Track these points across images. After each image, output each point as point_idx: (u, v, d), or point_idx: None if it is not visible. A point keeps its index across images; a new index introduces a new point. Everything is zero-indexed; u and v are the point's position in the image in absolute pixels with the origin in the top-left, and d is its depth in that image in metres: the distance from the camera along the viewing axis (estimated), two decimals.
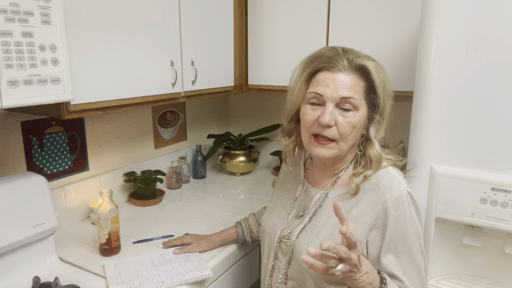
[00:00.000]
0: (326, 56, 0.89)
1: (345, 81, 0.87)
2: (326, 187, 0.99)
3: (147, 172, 1.72)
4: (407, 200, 0.88)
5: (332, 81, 0.87)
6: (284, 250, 0.99)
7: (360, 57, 0.90)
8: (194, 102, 2.09)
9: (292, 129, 1.02)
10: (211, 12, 1.59)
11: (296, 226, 1.00)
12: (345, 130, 0.88)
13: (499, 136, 1.00)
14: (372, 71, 0.88)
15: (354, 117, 0.88)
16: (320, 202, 0.98)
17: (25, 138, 1.32)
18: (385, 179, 0.91)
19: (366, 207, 0.90)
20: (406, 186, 0.90)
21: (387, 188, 0.89)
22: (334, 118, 0.87)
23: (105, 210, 1.20)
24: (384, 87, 0.91)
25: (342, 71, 0.88)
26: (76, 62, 1.07)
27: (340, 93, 0.87)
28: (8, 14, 0.85)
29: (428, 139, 1.09)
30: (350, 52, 0.90)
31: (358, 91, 0.88)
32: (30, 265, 1.15)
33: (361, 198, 0.92)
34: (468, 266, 1.14)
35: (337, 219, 0.87)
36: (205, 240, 1.26)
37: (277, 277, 1.00)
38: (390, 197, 0.88)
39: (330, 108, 0.87)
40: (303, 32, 1.67)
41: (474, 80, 1.01)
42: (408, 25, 1.45)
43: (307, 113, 0.91)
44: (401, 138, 1.78)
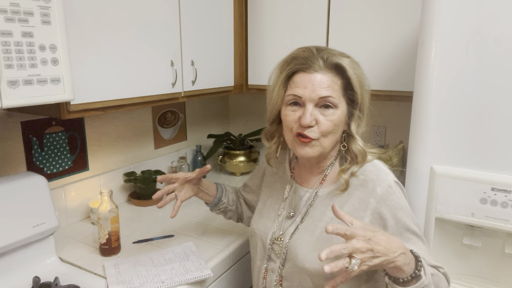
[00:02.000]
0: (301, 57, 0.90)
1: (322, 80, 0.89)
2: (315, 186, 1.00)
3: (147, 172, 1.72)
4: (397, 189, 0.92)
5: (310, 82, 0.89)
6: (278, 252, 0.99)
7: (335, 55, 0.91)
8: (194, 102, 2.09)
9: (274, 131, 1.03)
10: (211, 12, 1.59)
11: (288, 227, 1.00)
12: (326, 128, 0.90)
13: (499, 136, 1.00)
14: (347, 68, 0.90)
15: (334, 115, 0.90)
16: (311, 201, 0.99)
17: (25, 138, 1.32)
18: (373, 172, 0.93)
19: (359, 202, 0.92)
20: (393, 176, 0.94)
21: (377, 181, 0.91)
22: (314, 118, 0.89)
23: (105, 210, 1.20)
24: (360, 83, 0.92)
25: (318, 71, 0.89)
26: (76, 62, 1.07)
27: (318, 93, 0.88)
28: (8, 14, 0.85)
29: (428, 139, 1.09)
30: (325, 51, 0.91)
31: (335, 89, 0.90)
32: (30, 265, 1.15)
33: (352, 193, 0.93)
34: (468, 266, 1.14)
35: (330, 217, 0.91)
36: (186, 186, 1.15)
37: (272, 279, 1.00)
38: (380, 189, 0.90)
39: (310, 109, 0.89)
40: (303, 32, 1.67)
41: (474, 80, 1.01)
42: (408, 25, 1.45)
43: (288, 114, 0.92)
44: (401, 138, 1.78)
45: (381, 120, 1.90)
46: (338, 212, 0.78)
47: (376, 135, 1.91)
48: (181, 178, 1.11)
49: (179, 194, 1.13)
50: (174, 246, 1.29)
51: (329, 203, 0.95)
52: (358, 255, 0.72)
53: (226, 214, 1.27)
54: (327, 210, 0.95)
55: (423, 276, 0.78)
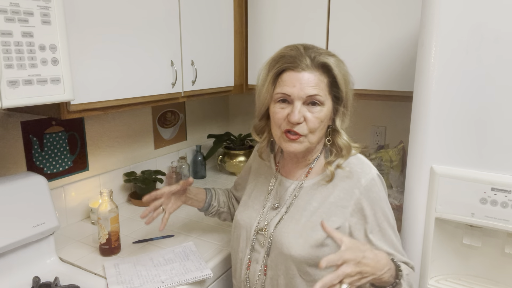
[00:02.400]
0: (290, 56, 0.94)
1: (309, 79, 0.92)
2: (301, 178, 1.05)
3: (147, 172, 1.72)
4: (379, 182, 0.98)
5: (298, 81, 0.92)
6: (262, 242, 1.02)
7: (322, 54, 0.94)
8: (194, 102, 2.09)
9: (263, 126, 1.08)
10: (211, 12, 1.59)
11: (272, 217, 1.04)
12: (314, 125, 0.94)
13: (499, 136, 1.00)
14: (333, 67, 0.94)
15: (321, 112, 0.94)
16: (296, 193, 1.03)
17: (25, 138, 1.32)
18: (357, 165, 0.99)
19: (344, 193, 0.97)
20: (375, 169, 1.00)
21: (361, 174, 0.97)
22: (303, 115, 0.93)
23: (105, 210, 1.20)
24: (345, 80, 0.96)
25: (305, 69, 0.92)
26: (76, 62, 1.07)
27: (306, 92, 0.92)
28: (8, 14, 0.85)
29: (428, 139, 1.09)
30: (312, 49, 0.95)
31: (322, 87, 0.93)
32: (30, 265, 1.15)
33: (337, 184, 0.98)
34: (468, 266, 1.14)
35: (314, 205, 0.98)
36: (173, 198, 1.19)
37: (256, 269, 1.03)
38: (364, 181, 0.96)
39: (299, 106, 0.93)
40: (303, 32, 1.67)
41: (474, 80, 1.01)
42: (408, 25, 1.45)
43: (276, 111, 0.96)
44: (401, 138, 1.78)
45: (381, 120, 1.90)
46: (327, 229, 0.83)
47: (376, 135, 1.91)
48: (166, 193, 1.14)
49: (167, 207, 1.16)
50: (174, 246, 1.29)
51: (314, 192, 1.00)
52: (347, 279, 0.76)
53: (220, 216, 1.30)
54: (312, 200, 1.00)
55: (403, 283, 0.87)
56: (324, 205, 0.98)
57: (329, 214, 0.96)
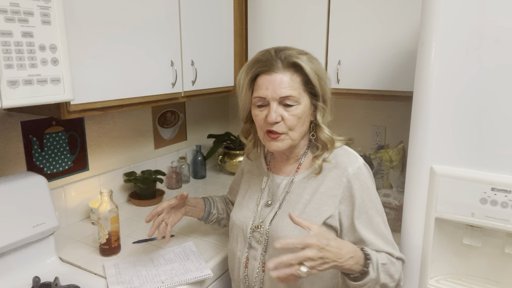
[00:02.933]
0: (262, 61, 0.98)
1: (282, 80, 0.96)
2: (291, 173, 1.08)
3: (147, 172, 1.72)
4: (365, 171, 1.02)
5: (271, 83, 0.96)
6: (259, 239, 1.05)
7: (292, 55, 0.97)
8: (194, 102, 2.09)
9: (249, 128, 1.12)
10: (211, 12, 1.59)
11: (267, 214, 1.06)
12: (291, 122, 0.98)
13: (499, 136, 1.00)
14: (304, 65, 0.96)
15: (297, 109, 0.97)
16: (288, 188, 1.06)
17: (25, 138, 1.32)
18: (343, 155, 1.03)
19: (332, 182, 1.00)
20: (362, 159, 1.03)
21: (348, 163, 1.01)
22: (280, 115, 0.97)
23: (105, 210, 1.20)
24: (318, 76, 0.99)
25: (277, 71, 0.96)
26: (76, 62, 1.07)
27: (279, 93, 0.96)
28: (8, 14, 0.85)
29: (428, 139, 1.09)
30: (283, 51, 0.98)
31: (295, 86, 0.97)
32: (30, 265, 1.15)
33: (326, 175, 1.02)
34: (468, 266, 1.14)
35: (306, 198, 1.03)
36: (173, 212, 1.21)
37: (254, 266, 1.05)
38: (351, 170, 0.99)
39: (274, 107, 0.97)
40: (303, 32, 1.67)
41: (474, 80, 1.01)
42: (408, 25, 1.45)
43: (257, 114, 1.01)
44: (401, 138, 1.78)
45: (381, 120, 1.90)
46: (295, 219, 0.87)
47: (376, 135, 1.91)
48: (166, 208, 1.15)
49: (168, 220, 1.17)
50: (174, 246, 1.29)
51: (305, 186, 1.04)
52: (309, 263, 0.80)
53: (220, 223, 1.31)
54: (304, 193, 1.03)
55: (370, 272, 0.90)
56: (315, 196, 1.01)
57: (320, 204, 1.00)
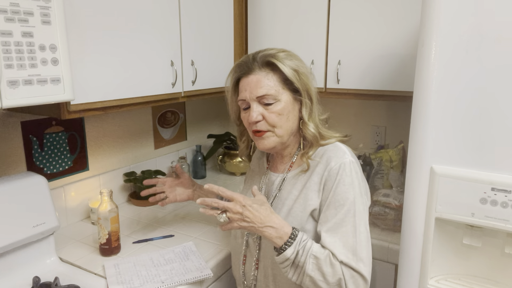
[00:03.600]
0: (241, 64, 1.02)
1: (257, 80, 0.99)
2: (285, 171, 1.10)
3: (147, 172, 1.72)
4: (349, 167, 0.98)
5: (248, 85, 1.00)
6: (254, 237, 1.07)
7: (267, 55, 0.99)
8: (194, 102, 2.09)
9: (242, 130, 1.16)
10: (211, 12, 1.59)
11: None
12: (272, 120, 0.99)
13: (499, 136, 1.00)
14: (278, 63, 0.98)
15: (276, 106, 0.99)
16: (280, 185, 1.08)
17: (25, 138, 1.32)
18: (332, 151, 1.03)
19: (317, 177, 1.01)
20: (350, 156, 1.01)
21: (333, 158, 1.00)
22: (260, 113, 0.99)
23: (105, 210, 1.20)
24: (297, 72, 1.00)
25: (253, 73, 0.99)
26: (76, 62, 1.07)
27: (255, 93, 0.98)
28: (8, 14, 0.85)
29: (428, 139, 1.08)
30: (261, 52, 1.01)
31: (271, 85, 0.98)
32: (30, 265, 1.15)
33: (314, 170, 1.03)
34: (468, 266, 1.14)
35: (295, 194, 1.04)
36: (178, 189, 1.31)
37: (250, 263, 1.09)
38: (334, 164, 0.99)
39: (254, 107, 0.99)
40: (303, 32, 1.67)
41: (474, 80, 1.01)
42: (408, 25, 1.45)
43: (243, 116, 1.05)
44: (401, 138, 1.78)
45: (381, 120, 1.90)
46: (214, 188, 0.92)
47: (376, 135, 1.91)
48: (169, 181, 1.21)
49: (170, 194, 1.23)
50: (174, 246, 1.29)
51: (295, 182, 1.05)
52: (229, 214, 0.89)
53: None
54: (293, 189, 1.04)
55: (288, 251, 0.90)
56: (303, 191, 1.02)
57: (306, 199, 1.01)
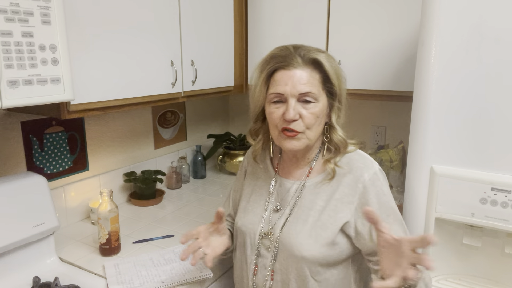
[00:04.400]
0: (280, 56, 0.94)
1: (301, 76, 0.92)
2: (302, 178, 1.03)
3: (147, 172, 1.72)
4: (381, 176, 0.97)
5: (290, 79, 0.92)
6: (268, 246, 1.00)
7: (311, 51, 0.94)
8: (194, 102, 2.09)
9: (258, 128, 1.07)
10: (211, 12, 1.59)
11: (277, 220, 1.01)
12: (309, 121, 0.94)
13: (499, 136, 1.00)
14: (324, 62, 0.94)
15: (316, 107, 0.94)
16: (298, 193, 1.01)
17: (25, 138, 1.32)
18: (359, 160, 0.98)
19: (348, 188, 0.96)
20: (377, 164, 0.99)
21: (364, 168, 0.96)
22: (298, 112, 0.93)
23: (105, 210, 1.20)
24: (337, 75, 0.96)
25: (297, 67, 0.93)
26: (76, 62, 1.07)
27: (298, 89, 0.92)
28: (8, 14, 0.85)
29: (428, 139, 1.08)
30: (301, 48, 0.95)
31: (314, 84, 0.93)
32: (30, 265, 1.15)
33: (341, 180, 0.98)
34: (468, 266, 1.14)
35: (321, 204, 0.97)
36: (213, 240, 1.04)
37: (263, 274, 1.00)
38: (367, 175, 0.95)
39: (293, 104, 0.92)
40: (303, 32, 1.67)
41: (474, 80, 1.01)
42: (408, 25, 1.45)
43: (272, 112, 0.96)
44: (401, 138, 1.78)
45: (381, 120, 1.90)
46: (373, 215, 0.77)
47: (376, 135, 1.91)
48: (203, 231, 1.01)
49: (207, 249, 1.00)
50: (174, 246, 1.29)
51: (318, 191, 0.99)
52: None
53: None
54: (317, 199, 0.98)
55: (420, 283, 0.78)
56: (331, 203, 0.96)
57: (335, 211, 0.95)
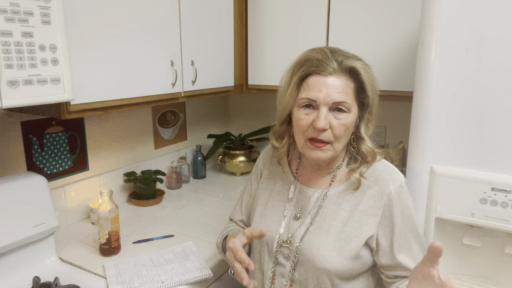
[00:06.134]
0: (316, 59, 0.89)
1: (336, 84, 0.87)
2: (324, 186, 0.99)
3: (147, 172, 1.72)
4: (406, 189, 0.95)
5: (324, 86, 0.87)
6: (287, 255, 0.96)
7: (349, 58, 0.90)
8: (194, 102, 2.09)
9: (284, 131, 1.02)
10: (211, 12, 1.59)
11: (297, 228, 0.98)
12: (339, 132, 0.89)
13: (499, 136, 1.00)
14: (361, 71, 0.89)
15: (347, 118, 0.89)
16: (320, 202, 0.97)
17: (25, 138, 1.32)
18: (385, 171, 0.95)
19: (373, 200, 0.93)
20: (403, 176, 0.96)
21: (390, 180, 0.94)
22: (328, 122, 0.88)
23: (105, 210, 1.20)
24: (372, 86, 0.92)
25: (332, 74, 0.88)
26: (76, 62, 1.07)
27: (333, 98, 0.87)
28: (8, 14, 0.85)
29: (428, 139, 1.08)
30: (339, 53, 0.90)
31: (349, 93, 0.89)
32: (30, 265, 1.15)
33: (365, 191, 0.94)
34: (468, 266, 1.14)
35: (344, 215, 0.93)
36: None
37: (281, 283, 0.97)
38: (393, 188, 0.93)
39: (325, 112, 0.88)
40: (304, 32, 1.67)
41: (474, 79, 1.01)
42: (408, 25, 1.45)
43: (301, 117, 0.91)
44: (401, 138, 1.78)
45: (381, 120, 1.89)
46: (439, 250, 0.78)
47: (376, 135, 1.91)
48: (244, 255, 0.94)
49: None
50: (174, 246, 1.29)
51: (341, 201, 0.95)
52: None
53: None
54: (340, 209, 0.95)
55: None
56: (355, 214, 0.93)
57: (360, 223, 0.92)
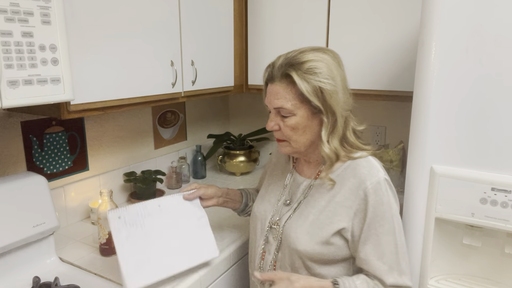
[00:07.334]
0: (269, 67, 0.99)
1: (277, 91, 0.96)
2: (312, 176, 1.08)
3: (147, 172, 1.72)
4: (384, 186, 0.97)
5: (269, 92, 0.98)
6: (275, 235, 1.07)
7: (291, 64, 0.92)
8: (194, 102, 2.09)
9: None
10: (211, 12, 1.59)
11: (285, 213, 1.08)
12: (287, 132, 0.98)
13: (499, 136, 1.00)
14: (296, 79, 0.91)
15: (291, 120, 0.96)
16: (307, 191, 1.06)
17: (25, 138, 1.32)
18: (365, 167, 0.99)
19: (349, 193, 0.98)
20: (384, 173, 0.99)
21: (368, 176, 0.97)
22: (277, 123, 0.99)
23: (105, 210, 1.20)
24: (321, 90, 0.91)
25: (275, 81, 0.96)
26: (76, 62, 1.07)
27: (273, 104, 0.97)
28: (8, 14, 0.85)
29: (428, 139, 1.09)
30: (288, 58, 0.94)
31: (289, 98, 0.94)
32: (30, 265, 1.15)
33: (344, 184, 1.00)
34: (468, 266, 1.14)
35: (322, 204, 1.01)
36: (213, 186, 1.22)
37: (268, 259, 1.08)
38: (370, 183, 0.96)
39: (272, 116, 1.00)
40: (304, 32, 1.67)
41: (474, 79, 1.01)
42: (408, 25, 1.45)
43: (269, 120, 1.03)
44: (401, 138, 1.78)
45: (381, 120, 1.90)
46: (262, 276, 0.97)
47: (376, 135, 1.91)
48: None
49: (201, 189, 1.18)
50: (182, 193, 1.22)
51: (323, 191, 1.03)
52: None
53: None
54: (321, 199, 1.02)
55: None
56: (331, 205, 1.00)
57: (334, 213, 0.99)
